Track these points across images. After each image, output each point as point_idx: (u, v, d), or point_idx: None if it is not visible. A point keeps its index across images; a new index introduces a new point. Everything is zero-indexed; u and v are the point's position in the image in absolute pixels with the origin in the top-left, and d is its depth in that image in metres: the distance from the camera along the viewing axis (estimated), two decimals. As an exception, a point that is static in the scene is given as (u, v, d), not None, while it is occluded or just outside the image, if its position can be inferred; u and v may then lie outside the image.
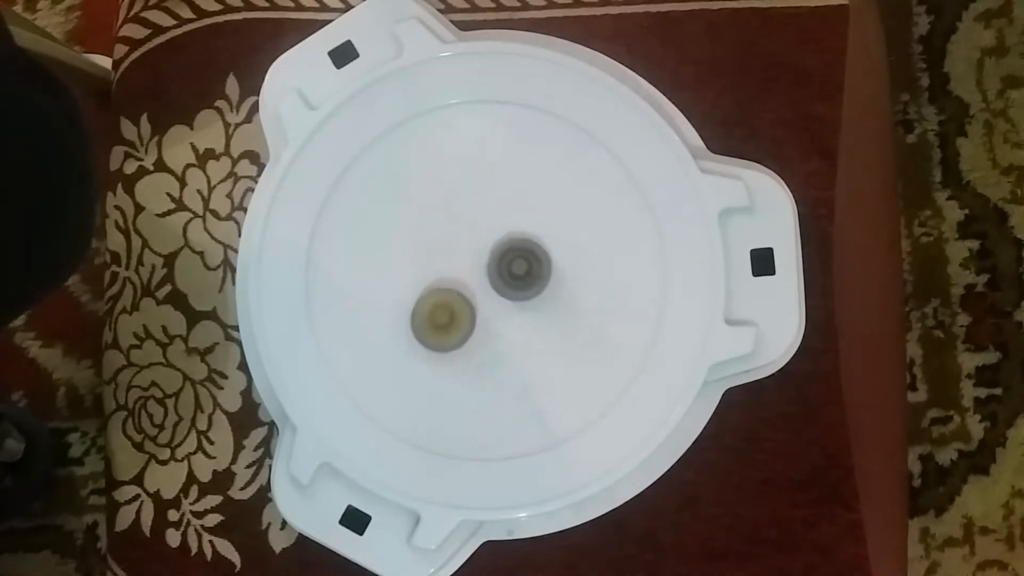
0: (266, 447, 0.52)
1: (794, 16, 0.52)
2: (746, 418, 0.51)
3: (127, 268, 0.54)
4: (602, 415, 0.48)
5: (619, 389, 0.48)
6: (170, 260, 0.53)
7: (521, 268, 0.48)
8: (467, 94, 0.49)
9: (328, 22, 0.51)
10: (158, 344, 0.53)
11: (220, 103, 0.54)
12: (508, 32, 0.52)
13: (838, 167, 0.52)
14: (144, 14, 0.55)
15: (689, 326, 0.48)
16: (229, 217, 0.53)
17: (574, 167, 0.49)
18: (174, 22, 0.54)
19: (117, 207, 0.54)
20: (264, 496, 0.52)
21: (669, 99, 0.50)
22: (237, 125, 0.53)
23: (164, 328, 0.53)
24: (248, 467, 0.52)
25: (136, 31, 0.55)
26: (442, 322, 0.48)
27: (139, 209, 0.54)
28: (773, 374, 0.48)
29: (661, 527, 0.51)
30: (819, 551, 0.51)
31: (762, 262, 0.48)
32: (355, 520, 0.48)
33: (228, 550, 0.52)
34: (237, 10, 0.54)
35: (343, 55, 0.50)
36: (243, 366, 0.52)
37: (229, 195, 0.53)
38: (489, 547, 0.49)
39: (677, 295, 0.48)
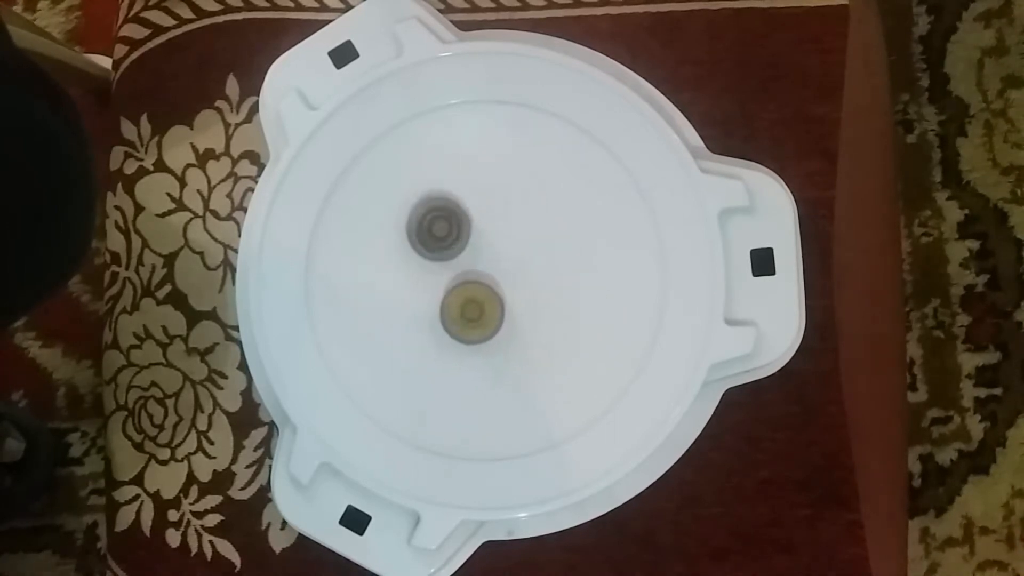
0: (266, 447, 0.52)
1: (794, 16, 0.52)
2: (746, 418, 0.51)
3: (127, 268, 0.54)
4: (602, 415, 0.48)
5: (619, 389, 0.48)
6: (170, 260, 0.53)
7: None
8: (467, 94, 0.49)
9: (328, 22, 0.51)
10: (158, 344, 0.53)
11: (220, 103, 0.54)
12: (508, 32, 0.52)
13: (838, 167, 0.52)
14: (144, 14, 0.55)
15: (689, 326, 0.48)
16: (229, 217, 0.53)
17: (574, 167, 0.49)
18: (174, 22, 0.54)
19: (117, 207, 0.54)
20: (264, 496, 0.52)
21: (669, 99, 0.50)
22: (237, 125, 0.53)
23: (164, 328, 0.53)
24: (248, 467, 0.52)
25: (136, 31, 0.55)
26: (472, 316, 0.48)
27: (139, 209, 0.54)
28: (773, 374, 0.48)
29: (661, 527, 0.51)
30: (819, 551, 0.51)
31: (762, 262, 0.48)
32: (355, 520, 0.48)
33: (228, 550, 0.52)
34: (237, 10, 0.54)
35: (343, 55, 0.50)
36: (243, 366, 0.52)
37: (229, 195, 0.53)
38: (489, 547, 0.49)
39: (677, 295, 0.48)
